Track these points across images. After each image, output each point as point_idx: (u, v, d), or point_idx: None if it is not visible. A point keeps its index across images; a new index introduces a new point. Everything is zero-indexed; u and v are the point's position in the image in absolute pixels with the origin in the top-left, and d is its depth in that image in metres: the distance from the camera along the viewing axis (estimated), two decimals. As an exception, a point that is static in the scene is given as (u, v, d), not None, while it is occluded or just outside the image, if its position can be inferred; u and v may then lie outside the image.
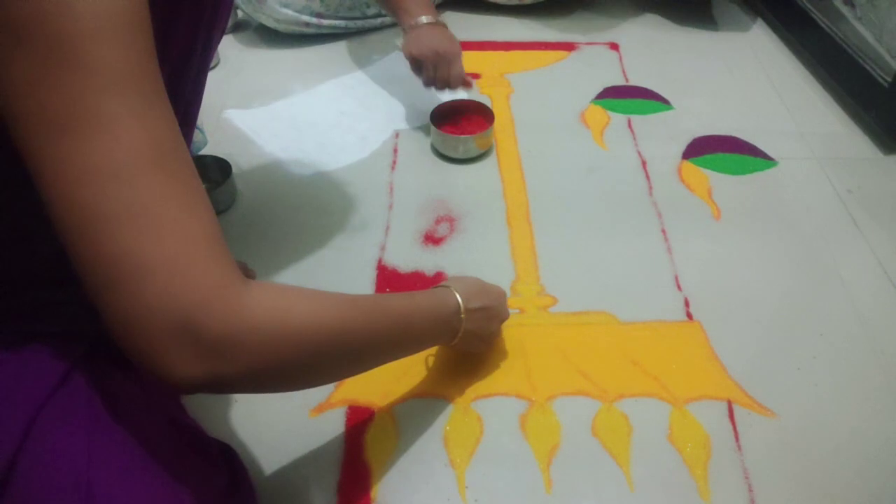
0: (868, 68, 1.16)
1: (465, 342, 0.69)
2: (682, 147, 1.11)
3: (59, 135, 0.37)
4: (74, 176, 0.37)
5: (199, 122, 0.91)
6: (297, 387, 0.49)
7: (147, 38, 0.40)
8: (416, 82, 1.25)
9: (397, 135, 1.12)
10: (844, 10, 1.32)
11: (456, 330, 0.66)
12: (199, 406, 0.72)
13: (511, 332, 0.82)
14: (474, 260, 0.91)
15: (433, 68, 1.03)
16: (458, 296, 0.66)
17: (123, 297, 0.38)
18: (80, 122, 0.37)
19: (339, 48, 1.33)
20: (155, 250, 0.38)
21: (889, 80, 1.11)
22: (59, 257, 0.51)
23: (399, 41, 1.34)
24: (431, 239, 0.94)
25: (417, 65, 1.04)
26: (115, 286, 0.38)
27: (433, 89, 1.07)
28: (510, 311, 0.79)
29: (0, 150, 0.43)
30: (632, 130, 1.14)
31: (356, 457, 0.70)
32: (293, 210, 0.98)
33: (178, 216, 0.39)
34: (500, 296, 0.74)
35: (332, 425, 0.73)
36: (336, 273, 0.89)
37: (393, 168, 1.06)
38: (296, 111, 1.18)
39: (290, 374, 0.46)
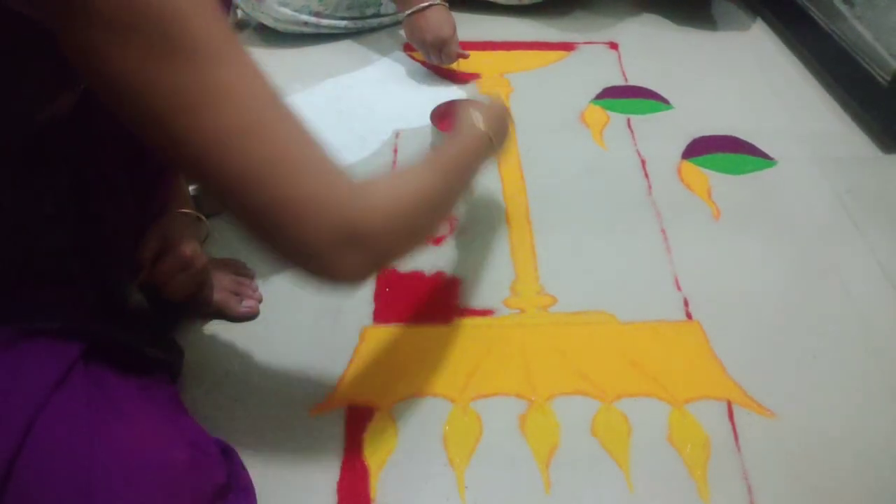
0: (867, 67, 1.16)
1: (498, 140, 0.75)
2: (681, 147, 1.11)
3: (189, 114, 0.41)
4: (217, 145, 0.42)
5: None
6: (425, 240, 0.65)
7: (219, 7, 0.43)
8: (417, 82, 1.26)
9: (397, 135, 1.12)
10: (843, 9, 1.32)
11: (489, 143, 0.72)
12: (198, 405, 0.72)
13: (510, 332, 0.82)
14: (474, 259, 0.91)
15: (427, 53, 1.21)
16: (482, 128, 0.72)
17: (291, 234, 0.45)
18: (203, 98, 0.41)
19: (338, 48, 1.33)
20: (303, 187, 0.45)
21: (888, 79, 1.11)
22: (61, 256, 0.51)
23: (402, 32, 1.35)
24: (431, 238, 0.94)
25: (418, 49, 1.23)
26: (281, 227, 0.45)
27: (437, 86, 1.24)
28: (511, 310, 0.81)
29: None
30: (631, 130, 1.14)
31: (355, 456, 0.70)
32: (293, 210, 0.98)
33: (306, 149, 0.46)
34: (502, 109, 0.81)
35: (332, 425, 0.73)
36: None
37: (393, 168, 1.06)
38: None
39: (419, 235, 0.58)
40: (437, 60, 1.21)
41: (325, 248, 0.46)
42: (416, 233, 0.57)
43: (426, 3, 1.15)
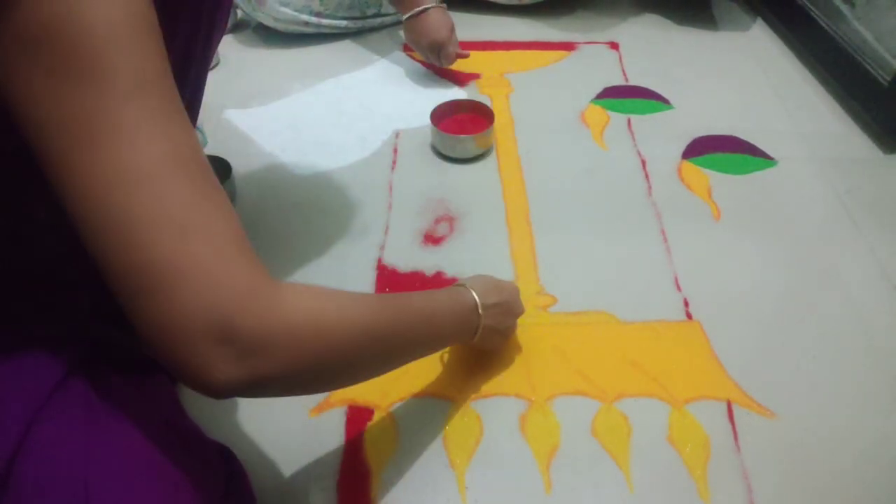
0: (868, 68, 1.16)
1: (484, 339, 0.69)
2: (681, 147, 1.11)
3: (80, 145, 0.37)
4: (99, 186, 0.37)
5: (199, 122, 0.91)
6: (329, 387, 0.50)
7: (158, 42, 0.40)
8: (417, 82, 1.26)
9: (397, 134, 1.13)
10: (844, 9, 1.32)
11: (475, 327, 0.67)
12: (198, 406, 0.72)
13: (511, 333, 0.82)
14: (474, 260, 0.91)
15: (427, 56, 1.22)
16: (474, 293, 0.66)
17: (157, 303, 0.38)
18: (101, 132, 0.37)
19: (338, 48, 1.33)
20: (187, 255, 0.38)
21: (889, 79, 1.11)
22: (57, 260, 0.50)
23: (401, 33, 1.35)
24: (431, 239, 0.94)
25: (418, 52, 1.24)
26: (147, 293, 0.38)
27: (437, 86, 1.23)
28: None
29: None
30: (631, 130, 1.14)
31: (356, 457, 0.70)
32: (293, 210, 0.98)
33: (206, 220, 0.39)
34: (514, 291, 0.75)
35: (332, 425, 0.73)
36: (335, 273, 0.89)
37: (393, 168, 1.06)
38: (295, 111, 1.18)
39: (324, 374, 0.47)
40: (437, 62, 1.22)
41: (192, 333, 0.38)
42: (326, 370, 0.46)
43: (424, 6, 1.15)
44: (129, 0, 0.38)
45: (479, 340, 0.68)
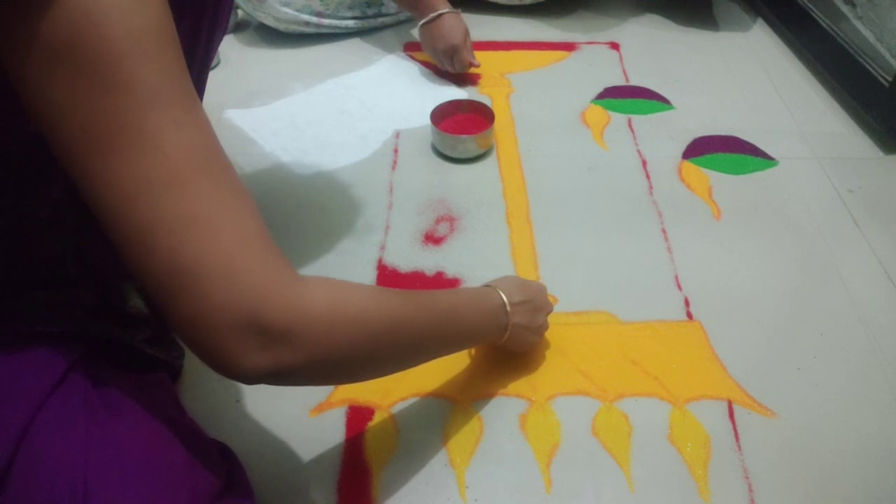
0: (869, 68, 1.16)
1: (515, 337, 0.69)
2: (682, 147, 1.11)
3: (105, 153, 0.38)
4: (125, 191, 0.39)
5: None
6: (353, 378, 0.53)
7: (176, 47, 0.41)
8: (417, 82, 1.26)
9: (397, 134, 1.13)
10: (845, 9, 1.32)
11: (504, 325, 0.67)
12: (198, 406, 0.72)
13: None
14: (474, 260, 0.91)
15: (441, 62, 1.22)
16: (500, 292, 0.67)
17: (188, 301, 0.40)
18: (126, 140, 0.38)
19: (339, 48, 1.33)
20: (214, 254, 0.40)
21: (889, 79, 1.11)
22: (59, 259, 0.51)
23: (412, 29, 1.36)
24: (431, 239, 0.94)
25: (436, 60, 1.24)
26: (179, 292, 0.40)
27: (437, 86, 1.23)
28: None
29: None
30: (632, 130, 1.14)
31: (356, 456, 0.70)
32: (293, 210, 0.98)
33: (231, 218, 0.41)
34: (541, 289, 0.75)
35: (332, 425, 0.73)
36: (336, 273, 0.88)
37: (393, 168, 1.06)
38: (296, 111, 1.18)
39: (346, 365, 0.48)
40: (451, 68, 1.22)
41: (222, 327, 0.40)
42: (348, 361, 0.47)
43: (438, 12, 1.16)
44: (147, 9, 0.39)
45: (509, 339, 0.69)
